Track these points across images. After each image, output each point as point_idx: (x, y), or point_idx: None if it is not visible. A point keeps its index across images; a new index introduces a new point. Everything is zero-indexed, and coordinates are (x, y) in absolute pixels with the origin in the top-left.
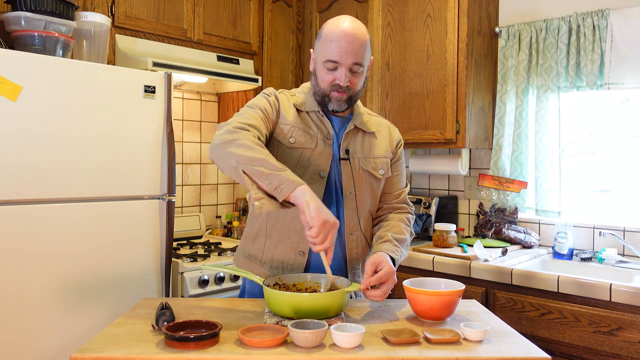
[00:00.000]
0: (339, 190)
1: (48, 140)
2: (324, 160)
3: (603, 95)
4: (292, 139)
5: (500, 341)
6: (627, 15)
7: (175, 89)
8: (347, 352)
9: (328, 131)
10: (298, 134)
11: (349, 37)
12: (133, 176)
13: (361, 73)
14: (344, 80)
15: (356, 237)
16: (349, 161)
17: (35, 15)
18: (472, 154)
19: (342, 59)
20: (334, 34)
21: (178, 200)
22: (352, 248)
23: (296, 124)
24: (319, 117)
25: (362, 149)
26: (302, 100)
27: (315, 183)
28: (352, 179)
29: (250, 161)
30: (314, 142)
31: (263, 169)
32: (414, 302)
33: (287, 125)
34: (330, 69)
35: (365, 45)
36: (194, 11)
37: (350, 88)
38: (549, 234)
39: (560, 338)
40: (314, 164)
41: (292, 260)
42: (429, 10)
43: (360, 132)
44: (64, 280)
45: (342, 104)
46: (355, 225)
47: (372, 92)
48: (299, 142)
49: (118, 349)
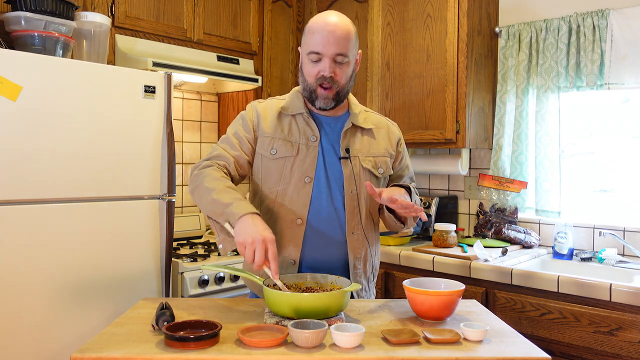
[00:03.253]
0: (337, 190)
1: (48, 140)
2: (308, 165)
3: (603, 95)
4: (274, 150)
5: (500, 341)
6: (627, 15)
7: (175, 89)
8: (347, 352)
9: (313, 133)
10: (279, 144)
11: (330, 27)
12: (133, 176)
13: (346, 64)
14: (328, 70)
15: (357, 236)
16: (349, 160)
17: (35, 15)
18: (472, 154)
19: (324, 50)
20: (316, 26)
21: (178, 200)
22: (353, 247)
23: (276, 134)
24: (304, 119)
25: (362, 148)
26: (286, 104)
27: (303, 189)
28: (354, 178)
29: (208, 205)
30: (294, 149)
31: (217, 210)
32: (414, 302)
33: (267, 138)
34: (314, 61)
35: (349, 36)
36: (194, 11)
37: (335, 80)
38: (549, 234)
39: (560, 338)
40: (298, 171)
41: (283, 269)
42: (429, 10)
43: (359, 130)
44: (64, 280)
45: (328, 102)
46: (357, 224)
47: (372, 92)
48: (280, 152)
49: (118, 349)
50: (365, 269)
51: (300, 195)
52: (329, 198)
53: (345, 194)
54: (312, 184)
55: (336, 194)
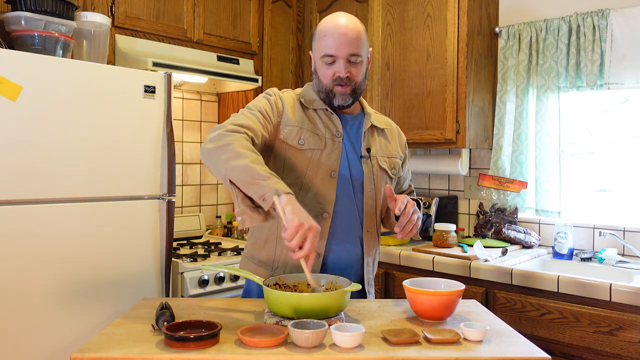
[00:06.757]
0: (358, 188)
1: (48, 140)
2: (333, 159)
3: (603, 95)
4: (302, 140)
5: (500, 341)
6: (627, 15)
7: (175, 89)
8: (347, 352)
9: (337, 129)
10: (306, 135)
11: (342, 29)
12: (133, 176)
13: (360, 63)
14: (344, 71)
15: (372, 235)
16: (369, 159)
17: (35, 15)
18: (472, 154)
19: (338, 52)
20: (327, 29)
21: (178, 200)
22: (368, 245)
23: (303, 125)
24: (327, 115)
25: (379, 148)
26: (310, 98)
27: (329, 183)
28: (373, 177)
29: (237, 169)
30: (322, 142)
31: (249, 178)
32: (414, 302)
33: (294, 127)
34: (328, 64)
35: (360, 35)
36: (194, 11)
37: (352, 79)
38: (549, 234)
39: (560, 338)
40: (325, 165)
41: None
42: (429, 10)
43: (375, 130)
44: (64, 280)
45: (347, 98)
46: (372, 223)
47: (372, 92)
48: (308, 144)
49: (118, 349)
50: (373, 266)
51: (326, 189)
52: (351, 195)
53: (365, 193)
54: (337, 179)
55: (357, 191)
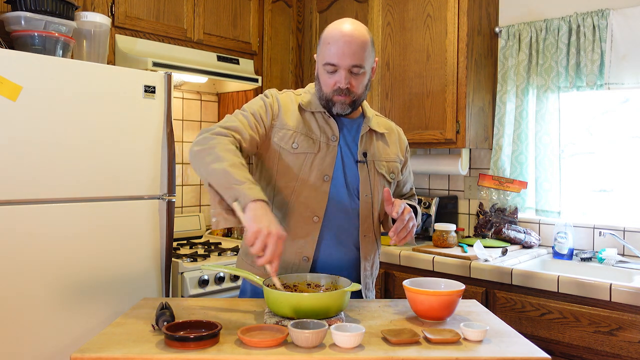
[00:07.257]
0: (353, 192)
1: (48, 140)
2: (327, 163)
3: (603, 95)
4: (295, 144)
5: (500, 341)
6: (627, 15)
7: (175, 89)
8: (347, 352)
9: (333, 133)
10: (300, 138)
11: (346, 38)
12: (133, 176)
13: (362, 75)
14: (344, 82)
15: (369, 239)
16: (365, 164)
17: (35, 15)
18: (472, 154)
19: (340, 61)
20: (332, 37)
21: (178, 200)
22: (365, 250)
23: (298, 129)
24: (324, 118)
25: (377, 152)
26: (308, 100)
27: (321, 187)
28: (369, 182)
29: (216, 173)
30: (316, 146)
31: (225, 182)
32: (414, 302)
33: (289, 130)
34: (330, 72)
35: (365, 45)
36: (194, 11)
37: (352, 91)
38: (549, 234)
39: (560, 338)
40: (318, 168)
41: (296, 265)
42: (429, 10)
43: (374, 134)
44: (64, 280)
45: (345, 107)
46: (369, 227)
47: (372, 92)
48: (302, 147)
49: (118, 349)
50: (372, 270)
51: (318, 193)
52: (344, 199)
53: (361, 198)
54: (330, 183)
55: (352, 196)
